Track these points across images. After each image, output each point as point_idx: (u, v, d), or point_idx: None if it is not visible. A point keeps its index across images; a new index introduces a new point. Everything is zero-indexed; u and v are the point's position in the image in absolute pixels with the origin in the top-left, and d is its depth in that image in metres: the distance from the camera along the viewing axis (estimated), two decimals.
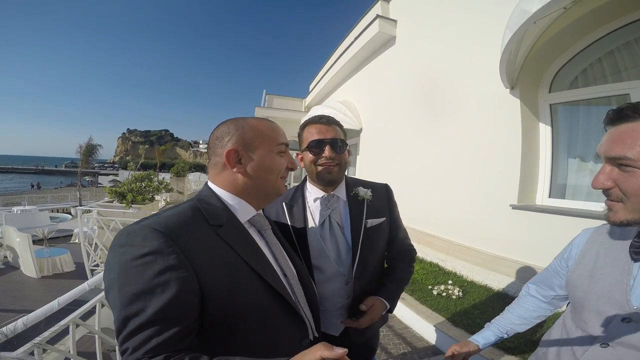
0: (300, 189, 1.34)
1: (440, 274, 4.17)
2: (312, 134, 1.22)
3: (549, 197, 3.40)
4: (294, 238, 1.23)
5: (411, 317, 3.24)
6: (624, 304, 0.74)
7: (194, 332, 0.65)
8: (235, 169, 0.82)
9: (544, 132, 3.38)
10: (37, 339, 1.47)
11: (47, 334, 1.54)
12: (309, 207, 1.29)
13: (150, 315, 0.59)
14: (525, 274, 3.30)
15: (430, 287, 3.72)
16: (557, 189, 3.38)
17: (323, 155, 1.20)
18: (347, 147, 1.27)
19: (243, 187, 0.84)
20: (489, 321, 1.19)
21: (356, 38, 7.34)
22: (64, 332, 1.71)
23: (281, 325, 0.80)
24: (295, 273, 0.96)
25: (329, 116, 1.28)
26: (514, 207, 3.40)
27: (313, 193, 1.29)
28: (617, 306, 0.75)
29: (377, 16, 6.28)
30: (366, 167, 7.25)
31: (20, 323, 1.46)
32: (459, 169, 4.35)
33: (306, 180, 1.35)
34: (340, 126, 1.29)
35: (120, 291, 0.61)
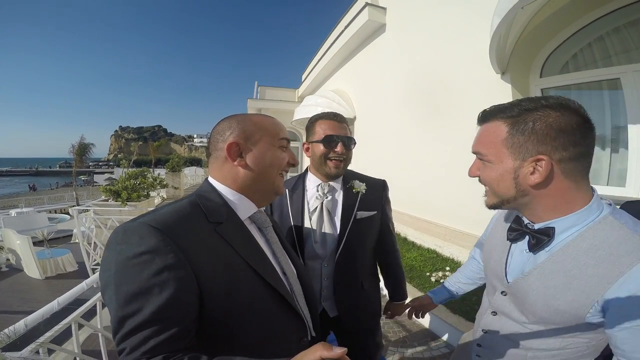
0: (302, 178, 1.46)
1: (438, 261, 4.22)
2: (325, 129, 1.30)
3: None
4: (291, 219, 1.37)
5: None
6: (503, 279, 0.85)
7: (193, 331, 0.65)
8: (236, 162, 0.81)
9: None
10: (41, 339, 1.50)
11: (50, 333, 1.57)
12: (307, 194, 1.40)
13: (148, 315, 0.58)
14: None
15: (428, 274, 3.78)
16: None
17: (335, 150, 1.29)
18: (354, 144, 1.37)
19: (244, 182, 0.83)
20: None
21: (346, 27, 7.26)
22: (71, 332, 1.75)
23: (280, 324, 0.80)
24: (295, 272, 0.95)
25: (341, 115, 1.37)
26: None
27: (312, 181, 1.41)
28: (499, 281, 0.87)
29: (366, 4, 6.21)
30: (361, 154, 7.23)
31: (22, 324, 1.49)
32: (452, 154, 4.36)
33: (307, 170, 1.46)
34: (348, 124, 1.38)
35: (116, 290, 0.60)
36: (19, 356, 1.39)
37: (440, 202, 4.67)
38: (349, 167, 1.44)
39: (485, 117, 0.78)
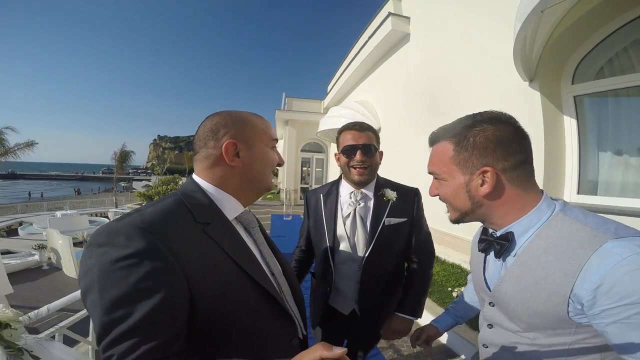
0: (336, 184, 1.53)
1: (462, 276, 4.04)
2: (347, 140, 1.38)
3: (578, 193, 3.18)
4: (325, 223, 1.45)
5: (427, 319, 3.14)
6: (485, 289, 0.87)
7: (183, 335, 0.62)
8: (233, 163, 0.79)
9: (569, 125, 3.18)
10: (59, 325, 1.60)
11: (69, 320, 1.68)
12: (340, 200, 1.47)
13: (137, 321, 0.55)
14: None
15: (449, 289, 3.63)
16: (587, 185, 3.16)
17: (355, 158, 1.35)
18: (379, 151, 1.43)
19: (236, 182, 0.82)
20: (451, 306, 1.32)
21: (370, 37, 7.31)
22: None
23: (271, 325, 0.78)
24: (282, 272, 0.94)
25: (362, 123, 1.42)
26: None
27: (345, 188, 1.48)
28: (484, 292, 0.89)
29: (390, 14, 6.23)
30: (387, 165, 7.13)
31: (45, 309, 1.60)
32: None
33: (341, 176, 1.54)
34: (373, 131, 1.43)
35: (101, 295, 0.56)
36: (34, 337, 1.49)
37: None
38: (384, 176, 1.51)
39: (434, 139, 0.85)
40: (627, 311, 0.59)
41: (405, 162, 6.33)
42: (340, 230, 1.42)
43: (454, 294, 3.46)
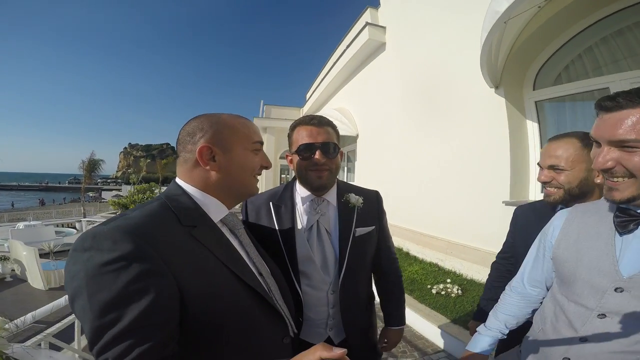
0: (290, 189, 1.26)
1: (440, 274, 4.21)
2: (302, 137, 1.13)
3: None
4: (280, 240, 1.17)
5: (411, 316, 3.25)
6: (614, 275, 0.78)
7: (176, 337, 0.62)
8: (208, 167, 0.79)
9: (532, 128, 3.46)
10: (45, 332, 1.56)
11: (54, 328, 1.64)
12: (298, 210, 1.22)
13: (129, 323, 0.55)
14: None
15: (429, 286, 3.76)
16: None
17: (313, 159, 1.12)
18: (340, 150, 1.19)
19: (216, 185, 0.81)
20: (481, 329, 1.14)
21: (348, 46, 7.53)
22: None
23: (262, 325, 0.78)
24: (269, 271, 0.94)
25: (320, 116, 1.19)
26: (507, 204, 3.45)
27: (302, 195, 1.23)
28: (608, 277, 0.79)
29: (367, 24, 6.46)
30: (364, 172, 7.29)
31: (30, 316, 1.56)
32: (453, 168, 4.43)
33: (296, 180, 1.27)
34: (333, 126, 1.20)
35: (90, 300, 0.56)
36: (22, 346, 1.45)
37: (441, 216, 4.68)
38: (354, 181, 1.39)
39: (621, 104, 0.72)
40: None
41: (382, 167, 6.55)
42: (303, 247, 1.17)
43: (433, 291, 3.61)
